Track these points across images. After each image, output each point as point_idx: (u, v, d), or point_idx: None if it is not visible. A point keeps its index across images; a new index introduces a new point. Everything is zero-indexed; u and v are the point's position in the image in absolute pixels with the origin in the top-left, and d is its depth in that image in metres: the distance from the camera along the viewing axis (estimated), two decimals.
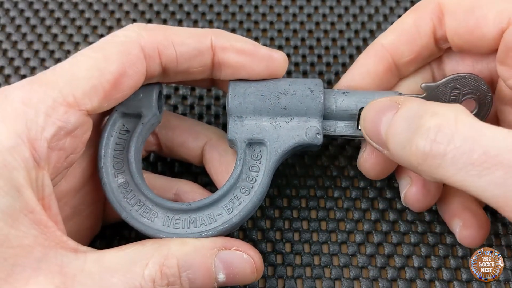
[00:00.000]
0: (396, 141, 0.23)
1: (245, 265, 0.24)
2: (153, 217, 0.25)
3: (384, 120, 0.24)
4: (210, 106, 0.35)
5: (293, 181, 0.32)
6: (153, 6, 0.39)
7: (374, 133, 0.24)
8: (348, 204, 0.31)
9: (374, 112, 0.24)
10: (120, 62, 0.24)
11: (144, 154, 0.30)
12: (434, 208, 0.31)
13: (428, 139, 0.21)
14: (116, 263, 0.22)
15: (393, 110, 0.23)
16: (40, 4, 0.38)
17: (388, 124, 0.23)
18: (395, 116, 0.23)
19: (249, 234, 0.31)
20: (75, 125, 0.23)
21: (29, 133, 0.21)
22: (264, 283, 0.29)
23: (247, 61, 0.26)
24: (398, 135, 0.23)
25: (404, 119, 0.23)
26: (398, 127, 0.23)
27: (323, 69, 0.36)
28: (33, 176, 0.21)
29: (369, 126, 0.25)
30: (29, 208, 0.21)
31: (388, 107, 0.24)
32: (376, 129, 0.24)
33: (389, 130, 0.23)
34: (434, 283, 0.29)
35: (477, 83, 0.27)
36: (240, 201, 0.26)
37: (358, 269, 0.30)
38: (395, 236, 0.31)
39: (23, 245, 0.21)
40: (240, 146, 0.26)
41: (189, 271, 0.23)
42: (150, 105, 0.26)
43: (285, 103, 0.26)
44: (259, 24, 0.38)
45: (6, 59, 0.36)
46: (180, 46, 0.25)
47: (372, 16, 0.38)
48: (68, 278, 0.21)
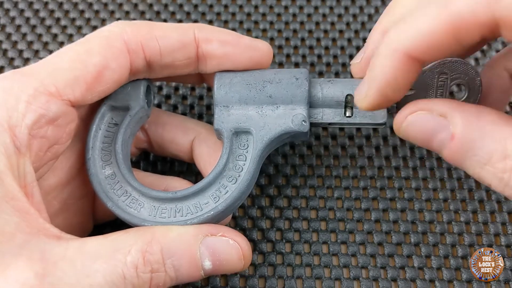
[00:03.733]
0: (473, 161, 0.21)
1: (232, 252, 0.24)
2: (139, 207, 0.25)
3: (437, 143, 0.22)
4: (210, 106, 0.35)
5: (293, 181, 0.32)
6: (153, 6, 0.39)
7: (425, 145, 0.23)
8: (348, 204, 0.31)
9: (421, 134, 0.23)
10: (103, 55, 0.24)
11: (135, 152, 0.31)
12: (433, 208, 0.31)
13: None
14: (98, 250, 0.22)
15: (446, 131, 0.21)
16: (40, 4, 0.38)
17: (443, 146, 0.22)
18: (453, 143, 0.21)
19: (249, 234, 0.31)
20: (57, 113, 0.23)
21: (10, 120, 0.22)
22: (264, 283, 0.29)
23: (231, 51, 0.26)
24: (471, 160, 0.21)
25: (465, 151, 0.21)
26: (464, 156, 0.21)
27: (323, 69, 0.36)
28: (14, 163, 0.21)
29: (418, 141, 0.23)
30: (10, 194, 0.21)
31: (438, 128, 0.22)
32: (429, 145, 0.22)
33: (448, 155, 0.22)
34: (434, 283, 0.29)
35: (465, 67, 0.27)
36: (226, 189, 0.25)
37: (358, 269, 0.30)
38: (395, 236, 0.31)
39: (4, 231, 0.20)
40: (227, 135, 0.26)
41: (173, 258, 0.23)
42: (137, 98, 0.27)
43: (271, 91, 0.26)
44: (259, 24, 0.38)
45: (6, 59, 0.36)
46: (163, 39, 0.26)
47: (372, 16, 0.38)
48: (49, 264, 0.21)
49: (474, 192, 0.32)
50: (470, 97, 0.27)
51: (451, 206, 0.31)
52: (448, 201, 0.31)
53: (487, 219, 0.31)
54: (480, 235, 0.30)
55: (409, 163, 0.33)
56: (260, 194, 0.32)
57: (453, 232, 0.31)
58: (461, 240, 0.30)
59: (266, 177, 0.32)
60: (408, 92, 0.27)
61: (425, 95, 0.27)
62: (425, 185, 0.32)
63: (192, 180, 0.30)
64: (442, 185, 0.32)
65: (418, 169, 0.32)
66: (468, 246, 0.30)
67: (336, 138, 0.34)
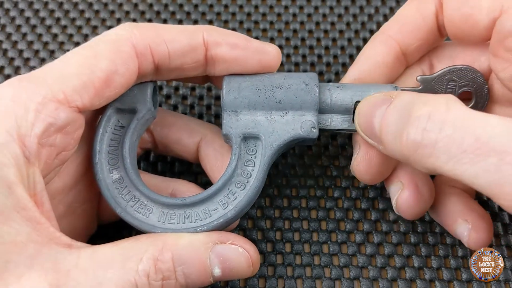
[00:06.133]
0: (388, 133, 0.23)
1: (241, 259, 0.24)
2: (148, 213, 0.25)
3: (378, 114, 0.23)
4: (210, 106, 0.35)
5: (293, 181, 0.32)
6: (153, 6, 0.39)
7: (368, 128, 0.24)
8: (348, 204, 0.31)
9: (368, 107, 0.24)
10: (111, 60, 0.24)
11: (139, 152, 0.30)
12: None
13: (418, 128, 0.21)
14: (110, 258, 0.22)
15: (387, 104, 0.23)
16: (40, 4, 0.38)
17: (381, 117, 0.23)
18: (388, 108, 0.23)
19: (249, 234, 0.31)
20: (66, 121, 0.23)
21: (19, 129, 0.22)
22: (264, 283, 0.29)
23: (240, 55, 0.26)
24: (390, 127, 0.23)
25: (396, 110, 0.23)
26: (390, 118, 0.23)
27: (323, 69, 0.36)
28: (24, 173, 0.21)
29: (363, 120, 0.25)
30: (21, 205, 0.21)
31: (382, 101, 0.24)
32: (370, 123, 0.24)
33: (382, 122, 0.23)
34: (434, 283, 0.29)
35: (474, 75, 0.27)
36: (235, 196, 0.25)
37: (358, 269, 0.30)
38: (395, 236, 0.31)
39: (16, 242, 0.20)
40: (235, 141, 0.26)
41: (184, 265, 0.23)
42: (144, 100, 0.26)
43: (280, 97, 0.26)
44: (259, 24, 0.38)
45: (6, 59, 0.36)
46: (172, 43, 0.25)
47: (372, 16, 0.38)
48: (61, 274, 0.21)
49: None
50: (477, 104, 0.27)
51: None
52: None
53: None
54: None
55: None
56: (260, 194, 0.32)
57: None
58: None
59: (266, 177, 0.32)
60: None
61: None
62: None
63: (192, 181, 0.30)
64: None
65: None
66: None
67: (336, 138, 0.34)
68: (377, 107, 0.24)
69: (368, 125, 0.24)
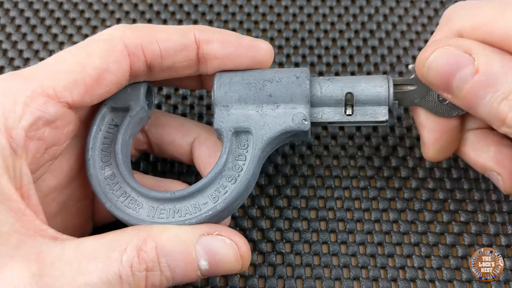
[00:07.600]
0: (480, 105, 0.23)
1: (228, 251, 0.23)
2: (138, 208, 0.25)
3: (459, 77, 0.23)
4: (210, 106, 0.35)
5: (293, 181, 0.32)
6: (153, 6, 0.39)
7: (443, 85, 0.24)
8: (348, 204, 0.31)
9: (446, 66, 0.24)
10: (103, 58, 0.24)
11: (135, 154, 0.31)
12: (433, 208, 0.31)
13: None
14: (95, 250, 0.22)
15: (469, 66, 0.23)
16: (40, 4, 0.38)
17: (464, 81, 0.23)
18: (475, 77, 0.23)
19: (249, 234, 0.31)
20: (55, 115, 0.23)
21: (6, 121, 0.22)
22: (264, 283, 0.29)
23: (232, 52, 0.26)
24: (480, 99, 0.23)
25: (488, 83, 0.22)
26: (480, 93, 0.23)
27: (323, 69, 0.36)
28: (9, 164, 0.21)
29: (438, 78, 0.24)
30: (6, 196, 0.21)
31: (463, 63, 0.23)
32: (448, 82, 0.24)
33: (466, 92, 0.23)
34: (434, 283, 0.29)
35: None
36: (226, 189, 0.25)
37: (358, 269, 0.30)
38: (395, 236, 0.31)
39: (0, 232, 0.20)
40: (226, 135, 0.26)
41: (168, 256, 0.22)
42: (137, 98, 0.27)
43: (271, 91, 0.26)
44: (259, 24, 0.38)
45: (6, 59, 0.36)
46: (163, 42, 0.26)
47: (372, 16, 0.38)
48: (45, 265, 0.21)
49: (474, 192, 0.32)
50: None
51: (451, 206, 0.31)
52: (448, 201, 0.31)
53: (487, 219, 0.31)
54: (480, 235, 0.30)
55: (409, 163, 0.33)
56: (260, 194, 0.32)
57: (453, 232, 0.31)
58: (461, 240, 0.30)
59: (266, 177, 0.32)
60: (409, 87, 0.28)
61: (427, 91, 0.27)
62: (425, 185, 0.32)
63: (191, 181, 0.30)
64: (442, 185, 0.32)
65: (418, 169, 0.32)
66: (468, 246, 0.30)
67: (336, 138, 0.34)
68: (459, 69, 0.23)
69: (444, 83, 0.24)
